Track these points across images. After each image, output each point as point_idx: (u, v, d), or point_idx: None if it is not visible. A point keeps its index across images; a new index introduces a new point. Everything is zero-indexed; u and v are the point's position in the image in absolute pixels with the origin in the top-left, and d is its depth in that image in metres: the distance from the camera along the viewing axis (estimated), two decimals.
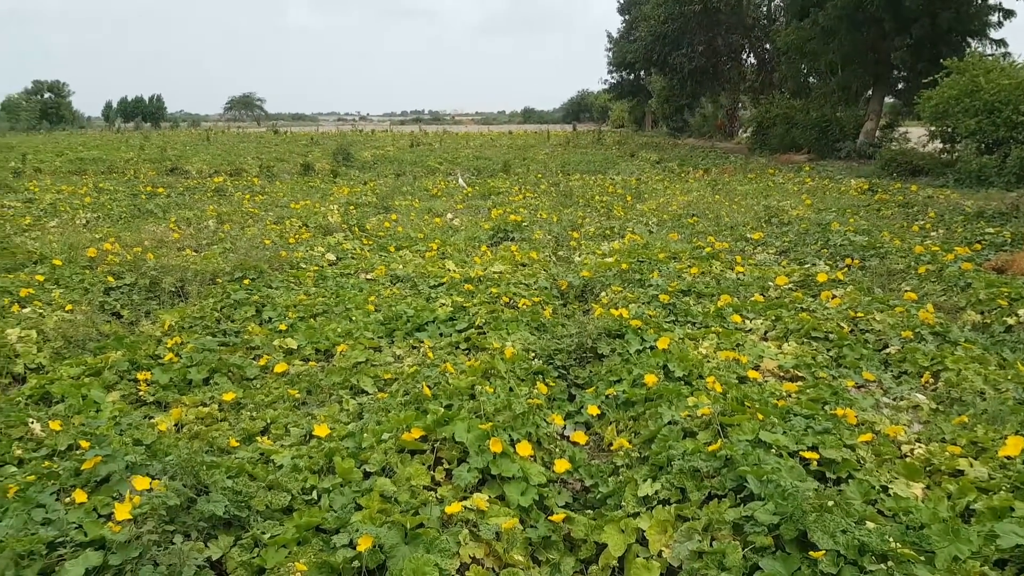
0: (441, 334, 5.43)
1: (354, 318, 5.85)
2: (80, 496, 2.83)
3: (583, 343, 4.75)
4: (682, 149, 30.29)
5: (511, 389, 4.09)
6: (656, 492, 3.01)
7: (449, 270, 7.41)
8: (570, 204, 12.91)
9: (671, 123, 45.95)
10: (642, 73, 43.84)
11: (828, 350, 4.89)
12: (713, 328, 5.20)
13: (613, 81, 46.96)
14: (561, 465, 3.22)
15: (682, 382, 4.14)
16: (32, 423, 3.89)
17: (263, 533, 2.66)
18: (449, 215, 11.72)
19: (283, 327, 5.68)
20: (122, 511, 2.55)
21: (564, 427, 3.91)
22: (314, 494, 2.98)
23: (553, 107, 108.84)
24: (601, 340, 4.78)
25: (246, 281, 7.14)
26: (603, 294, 6.37)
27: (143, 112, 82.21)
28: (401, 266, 7.74)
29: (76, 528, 2.66)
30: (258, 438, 3.72)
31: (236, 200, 13.89)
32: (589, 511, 3.13)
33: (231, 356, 4.98)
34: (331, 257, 8.54)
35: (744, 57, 37.34)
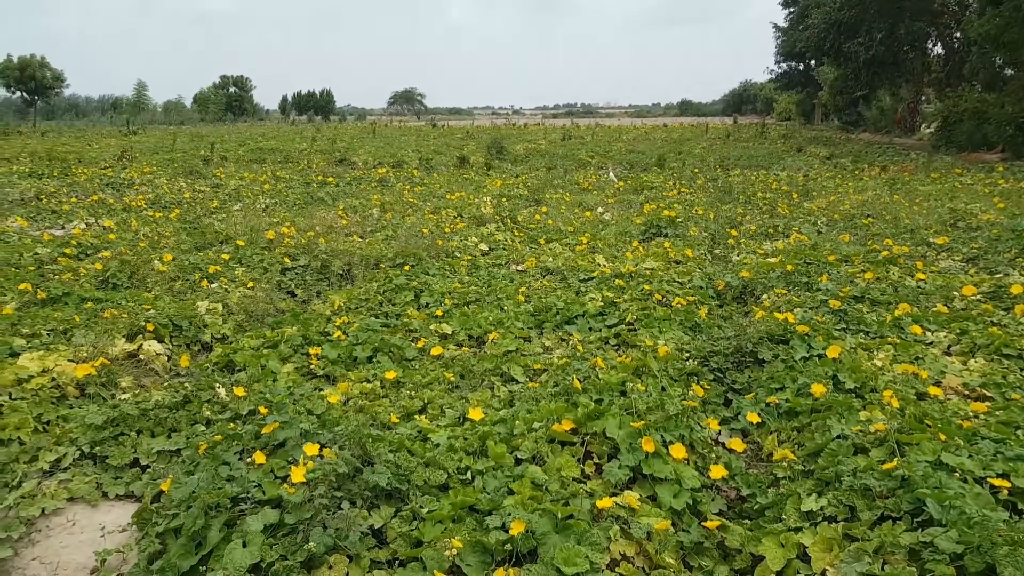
0: (591, 328, 5.41)
1: (505, 308, 5.96)
2: (259, 458, 3.08)
3: (742, 346, 4.54)
4: (855, 144, 28.16)
5: (664, 389, 4.00)
6: (821, 508, 2.82)
7: (599, 264, 7.36)
8: (729, 200, 12.38)
9: (843, 116, 42.85)
10: (812, 63, 41.26)
11: (1022, 369, 4.35)
12: (889, 339, 4.79)
13: (779, 71, 44.59)
14: (717, 471, 3.10)
15: (853, 394, 3.84)
16: (218, 388, 4.30)
17: (421, 507, 2.77)
18: (600, 209, 11.65)
19: (439, 312, 5.90)
20: (297, 474, 2.75)
21: (719, 432, 3.76)
22: (468, 474, 3.06)
23: (712, 99, 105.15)
24: (762, 345, 4.55)
25: (406, 267, 7.50)
26: (765, 296, 6.05)
27: (314, 106, 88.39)
28: (551, 259, 7.78)
29: (256, 487, 2.90)
30: (416, 416, 3.88)
31: (397, 190, 14.61)
32: (745, 521, 3.00)
33: (392, 337, 5.24)
34: (484, 247, 8.76)
35: (930, 46, 34.07)
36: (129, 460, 3.57)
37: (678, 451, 3.15)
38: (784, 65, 44.48)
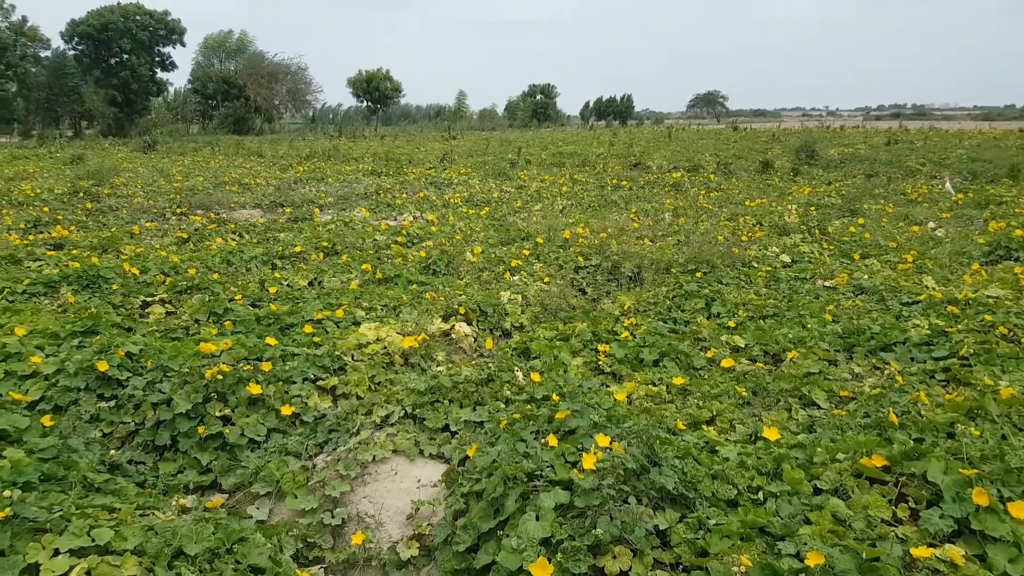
0: (912, 358, 4.77)
1: (808, 325, 5.53)
2: (552, 440, 3.26)
3: None
4: None
5: (1004, 436, 3.39)
6: None
7: (927, 287, 6.47)
8: None
9: None
10: None
11: None
12: None
13: None
14: None
15: None
16: (517, 371, 4.64)
17: (708, 518, 2.70)
18: (931, 224, 10.22)
19: (731, 324, 5.69)
20: (588, 461, 2.85)
21: None
22: (760, 495, 2.90)
23: None
24: None
25: (698, 274, 7.36)
26: None
27: (614, 111, 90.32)
28: (867, 276, 7.03)
29: (548, 467, 3.07)
30: (704, 426, 3.79)
31: (692, 195, 14.39)
32: None
33: (680, 343, 5.17)
34: (785, 259, 8.24)
35: None
36: (441, 425, 4.03)
37: (1019, 509, 2.64)
38: None
